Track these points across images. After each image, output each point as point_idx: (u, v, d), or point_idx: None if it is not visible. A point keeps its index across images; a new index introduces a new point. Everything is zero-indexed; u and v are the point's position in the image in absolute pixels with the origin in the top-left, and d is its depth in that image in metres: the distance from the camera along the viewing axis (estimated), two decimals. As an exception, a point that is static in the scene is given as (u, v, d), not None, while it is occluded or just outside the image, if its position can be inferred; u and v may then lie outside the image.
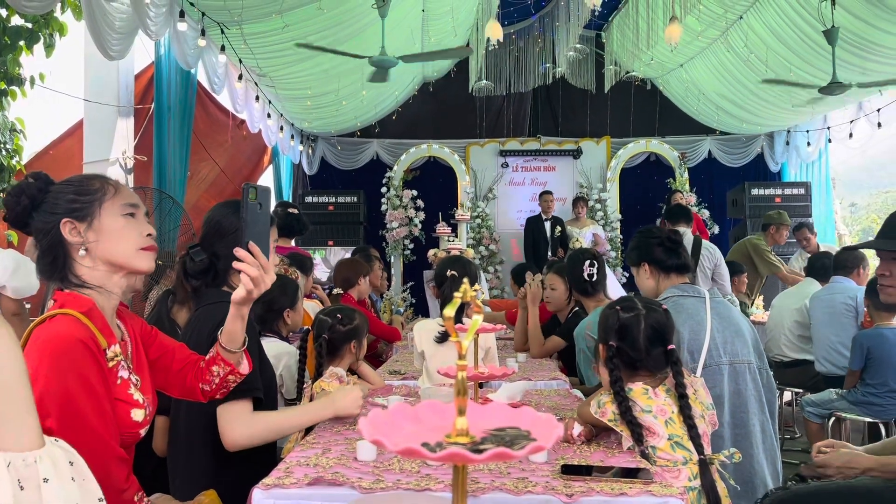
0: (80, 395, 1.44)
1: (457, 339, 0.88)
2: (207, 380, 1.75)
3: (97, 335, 1.51)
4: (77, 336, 1.46)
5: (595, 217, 9.93)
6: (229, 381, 1.77)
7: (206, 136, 7.42)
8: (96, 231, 1.57)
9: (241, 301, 1.67)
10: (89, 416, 1.45)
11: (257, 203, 1.62)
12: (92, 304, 1.55)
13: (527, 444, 0.81)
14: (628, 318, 2.08)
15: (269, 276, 1.65)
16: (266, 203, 1.66)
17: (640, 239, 2.96)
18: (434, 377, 2.81)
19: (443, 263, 3.06)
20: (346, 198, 10.06)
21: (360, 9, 6.62)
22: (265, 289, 1.65)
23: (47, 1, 3.90)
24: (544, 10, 10.07)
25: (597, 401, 2.02)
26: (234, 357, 1.75)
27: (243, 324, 1.71)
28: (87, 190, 1.60)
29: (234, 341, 1.72)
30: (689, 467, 1.92)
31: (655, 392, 1.99)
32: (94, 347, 1.48)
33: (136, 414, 1.57)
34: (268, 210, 1.68)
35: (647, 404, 1.96)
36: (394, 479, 1.63)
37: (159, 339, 1.78)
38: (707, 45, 8.51)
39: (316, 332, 2.68)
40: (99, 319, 1.55)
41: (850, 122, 9.21)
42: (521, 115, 11.03)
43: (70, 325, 1.48)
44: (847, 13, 6.30)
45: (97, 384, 1.47)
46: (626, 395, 1.97)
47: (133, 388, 1.59)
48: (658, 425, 1.93)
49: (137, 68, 6.21)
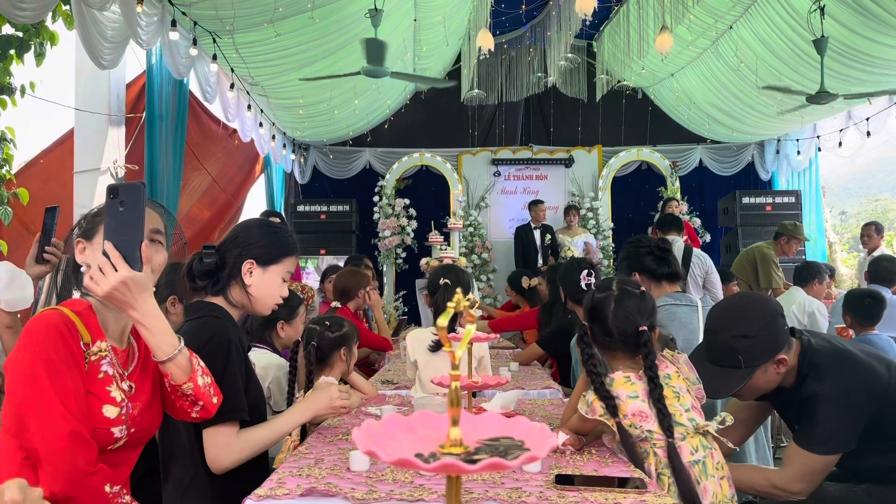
0: (42, 372, 1.49)
1: (450, 349, 0.87)
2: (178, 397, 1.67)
3: (80, 327, 1.57)
4: (52, 322, 1.54)
5: (587, 226, 9.95)
6: (179, 393, 1.65)
7: (197, 146, 7.40)
8: (93, 248, 1.65)
9: (110, 302, 1.56)
10: (48, 392, 1.48)
11: (118, 202, 1.53)
12: (87, 306, 1.62)
13: (521, 454, 0.81)
14: (600, 298, 2.07)
15: (117, 274, 1.50)
16: (132, 201, 1.53)
17: (629, 249, 2.99)
18: (427, 386, 2.80)
19: (435, 272, 3.06)
20: (339, 206, 10.05)
21: (353, 18, 6.62)
22: (106, 285, 1.50)
23: (39, 10, 3.89)
24: (535, 19, 10.11)
25: (584, 401, 2.01)
26: (167, 368, 1.61)
27: (146, 329, 1.56)
28: (99, 211, 1.69)
29: (152, 352, 1.61)
30: (689, 441, 1.93)
31: (639, 375, 1.99)
32: (67, 333, 1.53)
33: (108, 410, 1.56)
34: (134, 209, 1.53)
35: (631, 390, 1.96)
36: (387, 489, 1.62)
37: None
38: (698, 55, 8.57)
39: (304, 341, 2.67)
40: (90, 319, 1.60)
41: (840, 131, 9.28)
42: (513, 124, 11.06)
43: (49, 315, 1.56)
44: (836, 23, 6.36)
45: (60, 363, 1.51)
46: (598, 371, 1.97)
47: (115, 386, 1.59)
48: (647, 408, 1.93)
49: (129, 77, 6.19)
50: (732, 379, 2.15)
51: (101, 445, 1.56)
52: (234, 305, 2.07)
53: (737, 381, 2.14)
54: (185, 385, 1.63)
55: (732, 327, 2.20)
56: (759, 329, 2.15)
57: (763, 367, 2.14)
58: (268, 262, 2.07)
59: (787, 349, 2.16)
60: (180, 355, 1.62)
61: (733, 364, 2.14)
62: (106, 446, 1.57)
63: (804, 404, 2.16)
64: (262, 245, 2.07)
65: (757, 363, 2.13)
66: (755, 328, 2.15)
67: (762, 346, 2.14)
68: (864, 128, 8.65)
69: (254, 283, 2.05)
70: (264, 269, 2.06)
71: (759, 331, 2.15)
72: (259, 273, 2.05)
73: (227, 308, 2.05)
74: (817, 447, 2.12)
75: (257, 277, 2.05)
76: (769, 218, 9.40)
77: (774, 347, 2.14)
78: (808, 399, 2.15)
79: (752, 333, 2.15)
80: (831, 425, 2.11)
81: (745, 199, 9.61)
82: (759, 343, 2.13)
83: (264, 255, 2.06)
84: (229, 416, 1.88)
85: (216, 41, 6.08)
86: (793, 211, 9.54)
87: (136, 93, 6.30)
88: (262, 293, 2.07)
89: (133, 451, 1.68)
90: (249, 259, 2.04)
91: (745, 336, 2.15)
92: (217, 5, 5.49)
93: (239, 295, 2.06)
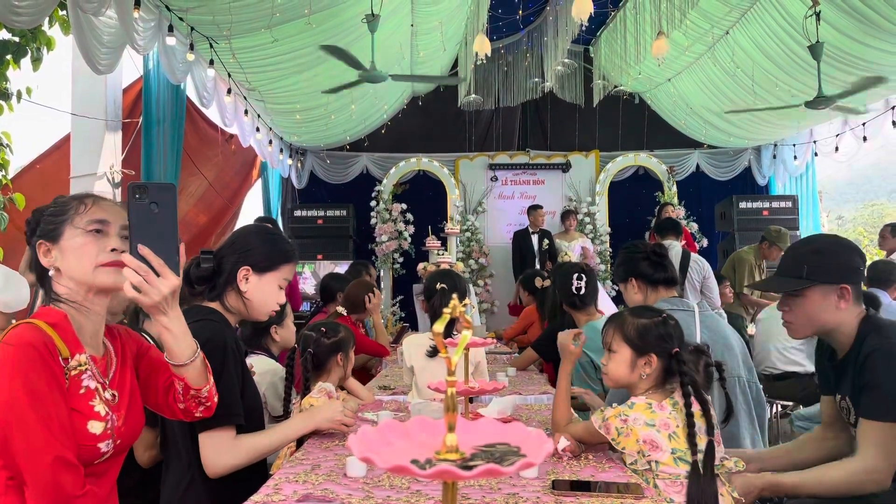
0: (23, 397, 1.42)
1: (446, 355, 0.87)
2: (179, 398, 1.68)
3: (57, 342, 1.49)
4: (28, 340, 1.46)
5: (584, 230, 9.95)
6: (192, 396, 1.67)
7: (194, 151, 7.40)
8: (61, 250, 1.57)
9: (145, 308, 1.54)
10: (31, 418, 1.42)
11: (149, 203, 1.47)
12: (62, 316, 1.54)
13: (517, 460, 0.81)
14: (674, 323, 2.09)
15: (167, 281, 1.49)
16: (166, 202, 1.49)
17: (625, 254, 2.98)
18: (424, 392, 2.80)
19: (432, 277, 3.06)
20: (336, 211, 10.06)
21: (350, 23, 6.63)
22: (158, 295, 1.49)
23: (35, 15, 3.88)
24: (532, 24, 10.14)
25: (600, 415, 2.00)
26: (184, 371, 1.62)
27: (172, 336, 1.58)
28: (60, 210, 1.61)
29: (172, 356, 1.61)
30: None
31: (661, 405, 1.97)
32: (46, 352, 1.46)
33: (93, 426, 1.52)
34: (169, 209, 1.50)
35: (650, 418, 1.94)
36: (384, 495, 1.62)
37: (149, 356, 1.73)
38: (694, 60, 8.59)
39: (301, 347, 2.66)
40: (66, 331, 1.53)
41: (836, 136, 9.30)
42: (511, 129, 11.07)
43: (25, 331, 1.48)
44: (832, 28, 6.38)
45: (44, 387, 1.45)
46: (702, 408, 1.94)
47: (98, 400, 1.55)
48: (661, 439, 1.92)
49: (125, 82, 6.19)
50: (791, 283, 2.17)
51: (87, 461, 1.52)
52: (231, 311, 2.07)
53: (794, 284, 2.16)
54: (203, 388, 1.65)
55: (808, 244, 2.26)
56: (831, 251, 2.18)
57: (823, 289, 2.12)
58: (264, 270, 2.06)
59: (854, 293, 2.12)
60: (198, 359, 1.63)
61: (796, 274, 2.16)
62: (93, 461, 1.54)
63: (864, 364, 2.05)
64: (259, 252, 2.07)
65: (819, 279, 2.12)
66: (828, 249, 2.19)
67: (829, 266, 2.14)
68: (861, 133, 8.68)
69: (250, 290, 2.04)
70: (260, 276, 2.06)
71: (832, 253, 2.17)
72: (255, 280, 2.05)
73: (223, 313, 2.05)
74: (888, 415, 1.98)
75: (253, 284, 2.05)
76: (766, 223, 9.37)
77: (840, 274, 2.13)
78: (867, 357, 2.05)
79: (823, 251, 2.19)
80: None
81: (742, 203, 9.62)
82: (828, 262, 2.14)
83: (261, 262, 2.06)
84: (226, 419, 1.88)
85: (213, 46, 6.08)
86: (790, 216, 9.57)
87: (133, 98, 6.30)
88: (258, 300, 2.06)
89: (119, 458, 1.65)
90: (246, 266, 2.04)
91: (816, 252, 2.18)
92: (214, 10, 5.49)
93: (235, 301, 2.06)
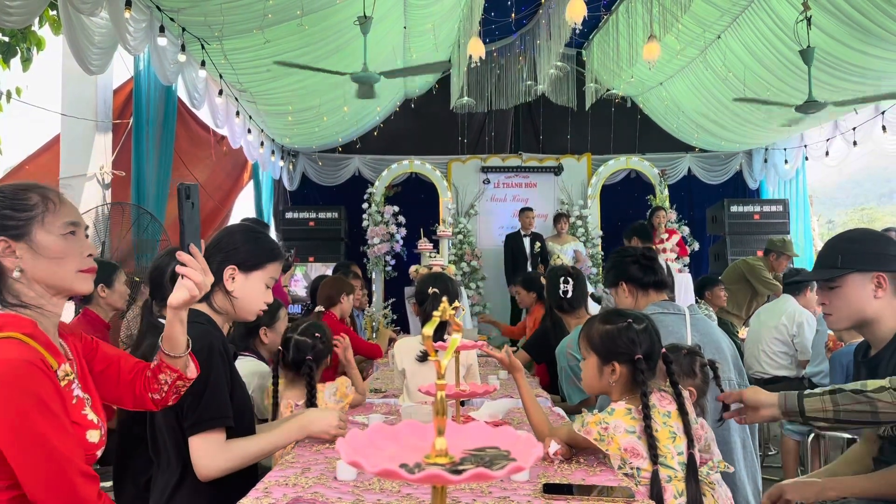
0: (36, 417, 1.38)
1: (436, 359, 0.87)
2: (155, 388, 1.67)
3: (45, 355, 1.44)
4: (25, 358, 1.40)
5: (576, 233, 9.96)
6: (178, 386, 1.69)
7: (185, 152, 7.37)
8: (33, 252, 1.49)
9: (180, 305, 1.59)
10: (49, 435, 1.39)
11: (191, 202, 1.57)
12: (33, 324, 1.47)
13: (506, 464, 0.80)
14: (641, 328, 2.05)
15: (208, 278, 1.60)
16: (198, 201, 1.62)
17: (615, 259, 2.98)
18: (415, 395, 2.79)
19: (423, 280, 3.04)
20: (327, 214, 10.05)
21: (342, 25, 6.62)
22: (205, 291, 1.59)
23: (26, 15, 3.87)
24: (525, 27, 10.15)
25: (580, 419, 2.00)
26: (179, 362, 1.66)
27: (183, 328, 1.63)
28: (24, 206, 1.50)
29: (176, 347, 1.64)
30: (674, 484, 1.91)
31: (639, 410, 1.97)
32: (44, 368, 1.42)
33: (91, 435, 1.52)
34: (198, 207, 1.65)
35: (630, 425, 1.94)
36: (374, 498, 1.61)
37: (102, 350, 1.71)
38: (686, 64, 8.63)
39: (296, 356, 2.60)
40: (43, 339, 1.47)
41: (827, 141, 9.35)
42: (503, 132, 11.09)
43: (14, 349, 1.40)
44: (822, 33, 6.41)
45: (53, 403, 1.41)
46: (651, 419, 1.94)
47: (87, 408, 1.54)
48: (640, 446, 1.92)
49: (116, 83, 6.17)
50: (826, 272, 2.17)
51: None
52: (219, 312, 2.05)
53: (829, 273, 2.15)
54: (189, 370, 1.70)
55: (842, 235, 2.27)
56: (866, 240, 2.18)
57: (859, 278, 2.11)
58: (250, 268, 2.05)
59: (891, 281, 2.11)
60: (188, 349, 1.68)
61: (832, 264, 2.15)
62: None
63: None
64: (244, 251, 2.06)
65: (854, 266, 2.11)
66: (861, 237, 2.20)
67: (863, 253, 2.13)
68: (851, 137, 8.73)
69: (236, 289, 2.03)
70: (247, 275, 2.05)
71: (867, 242, 2.17)
72: (242, 279, 2.04)
73: (211, 315, 2.04)
74: None
75: (240, 283, 2.04)
76: (757, 227, 9.47)
77: (877, 261, 2.12)
78: None
79: (856, 238, 2.20)
80: None
81: (733, 207, 9.67)
82: (862, 250, 2.14)
83: (247, 261, 2.05)
84: (215, 422, 1.87)
85: (204, 47, 6.06)
86: (781, 220, 9.61)
87: (124, 99, 6.28)
88: (245, 299, 2.05)
89: None
90: (232, 265, 2.03)
91: (850, 240, 2.19)
92: (205, 11, 5.48)
93: (222, 301, 2.05)
